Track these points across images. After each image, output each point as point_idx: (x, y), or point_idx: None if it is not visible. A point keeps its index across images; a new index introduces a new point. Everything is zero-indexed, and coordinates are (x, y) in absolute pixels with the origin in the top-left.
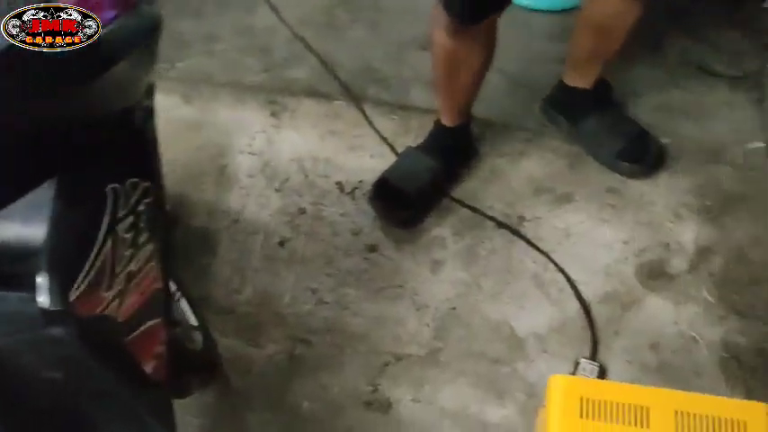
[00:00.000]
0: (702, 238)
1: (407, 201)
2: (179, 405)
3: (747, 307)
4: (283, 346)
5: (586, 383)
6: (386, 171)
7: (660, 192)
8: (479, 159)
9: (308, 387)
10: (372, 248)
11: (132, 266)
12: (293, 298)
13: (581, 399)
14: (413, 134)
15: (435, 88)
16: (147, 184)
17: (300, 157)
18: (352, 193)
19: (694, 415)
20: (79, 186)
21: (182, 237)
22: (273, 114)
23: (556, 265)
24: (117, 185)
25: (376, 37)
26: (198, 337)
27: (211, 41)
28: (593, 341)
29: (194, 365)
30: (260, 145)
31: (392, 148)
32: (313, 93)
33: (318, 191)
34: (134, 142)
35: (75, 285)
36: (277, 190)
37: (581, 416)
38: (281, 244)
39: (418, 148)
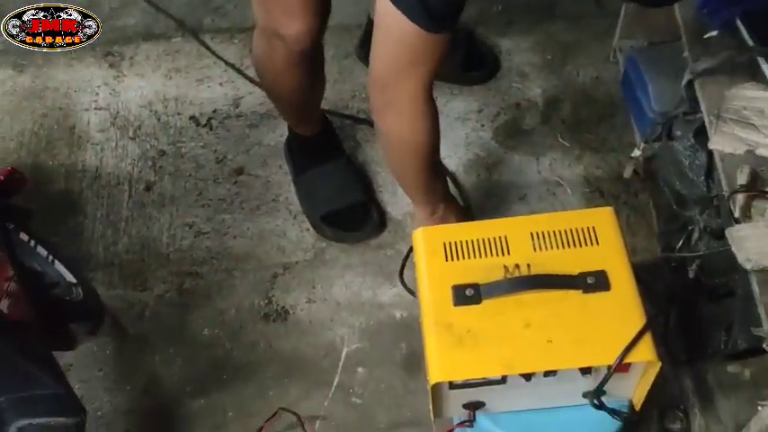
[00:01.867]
0: (549, 90)
1: (361, 215)
2: (81, 363)
3: (600, 142)
4: (171, 283)
5: (446, 229)
6: (313, 208)
7: (502, 57)
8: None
9: (205, 315)
10: (239, 171)
11: None
12: (171, 236)
13: (444, 244)
14: None
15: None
16: None
17: (149, 101)
18: (208, 124)
19: (548, 232)
20: None
21: (44, 203)
22: (112, 66)
23: None
24: None
25: None
26: (78, 291)
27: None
28: (465, 206)
29: (77, 316)
30: (105, 98)
31: (239, 72)
32: (149, 36)
33: (174, 130)
34: None
35: None
36: (132, 138)
37: (447, 259)
38: (148, 189)
39: (306, 169)
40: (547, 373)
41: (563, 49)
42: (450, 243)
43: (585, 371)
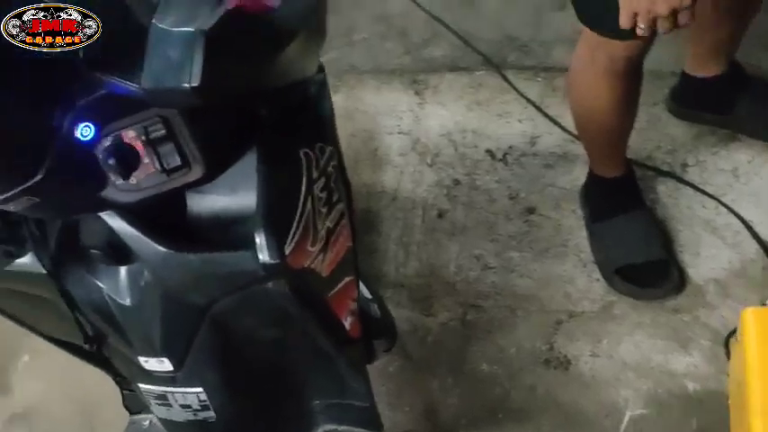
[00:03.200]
0: None
1: (659, 272)
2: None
3: None
4: (455, 312)
5: None
6: (607, 258)
7: None
8: None
9: (485, 350)
10: (531, 211)
11: (329, 223)
12: (459, 266)
13: None
14: (560, 93)
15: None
16: (331, 147)
17: (449, 130)
18: (503, 159)
19: None
20: (278, 153)
21: None
22: (417, 93)
23: (727, 207)
24: (308, 150)
25: (511, 5)
26: (374, 307)
27: (351, 33)
28: None
29: (377, 331)
30: (408, 124)
31: (539, 110)
32: (454, 67)
33: (470, 161)
34: (314, 111)
35: (288, 240)
36: (429, 165)
37: None
38: (440, 216)
39: (604, 217)
40: None
41: None
42: None
43: None
